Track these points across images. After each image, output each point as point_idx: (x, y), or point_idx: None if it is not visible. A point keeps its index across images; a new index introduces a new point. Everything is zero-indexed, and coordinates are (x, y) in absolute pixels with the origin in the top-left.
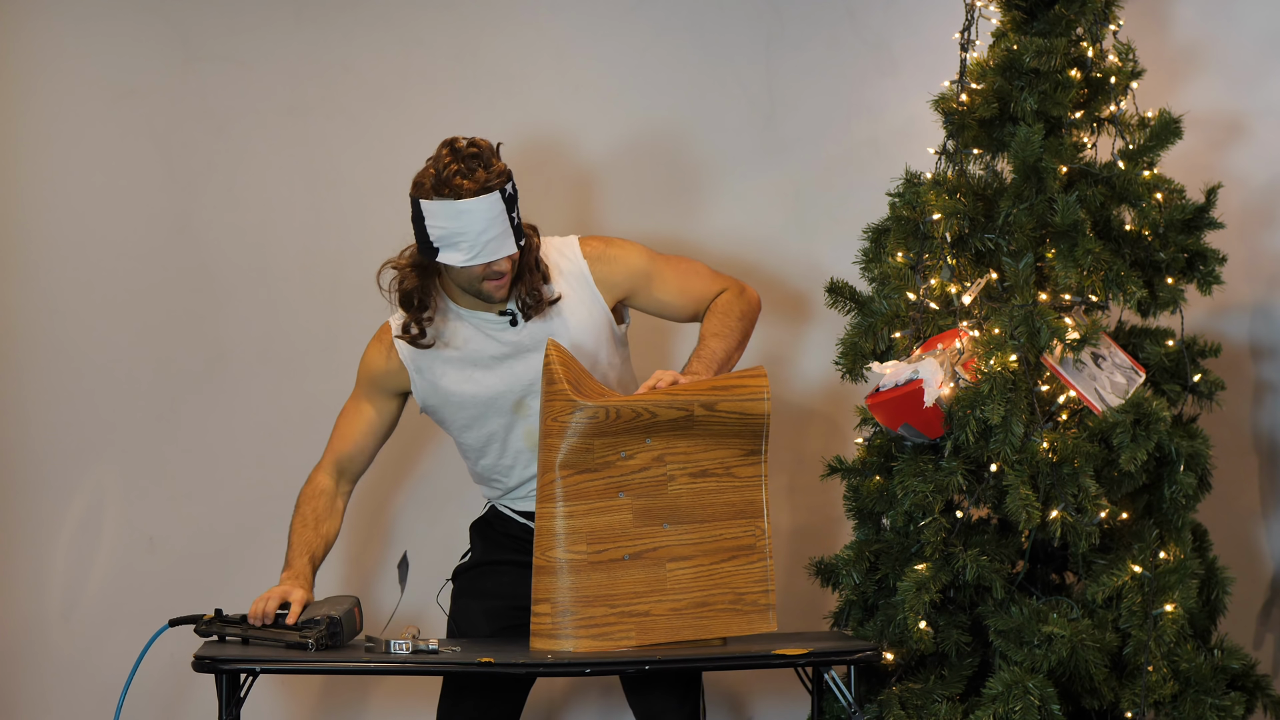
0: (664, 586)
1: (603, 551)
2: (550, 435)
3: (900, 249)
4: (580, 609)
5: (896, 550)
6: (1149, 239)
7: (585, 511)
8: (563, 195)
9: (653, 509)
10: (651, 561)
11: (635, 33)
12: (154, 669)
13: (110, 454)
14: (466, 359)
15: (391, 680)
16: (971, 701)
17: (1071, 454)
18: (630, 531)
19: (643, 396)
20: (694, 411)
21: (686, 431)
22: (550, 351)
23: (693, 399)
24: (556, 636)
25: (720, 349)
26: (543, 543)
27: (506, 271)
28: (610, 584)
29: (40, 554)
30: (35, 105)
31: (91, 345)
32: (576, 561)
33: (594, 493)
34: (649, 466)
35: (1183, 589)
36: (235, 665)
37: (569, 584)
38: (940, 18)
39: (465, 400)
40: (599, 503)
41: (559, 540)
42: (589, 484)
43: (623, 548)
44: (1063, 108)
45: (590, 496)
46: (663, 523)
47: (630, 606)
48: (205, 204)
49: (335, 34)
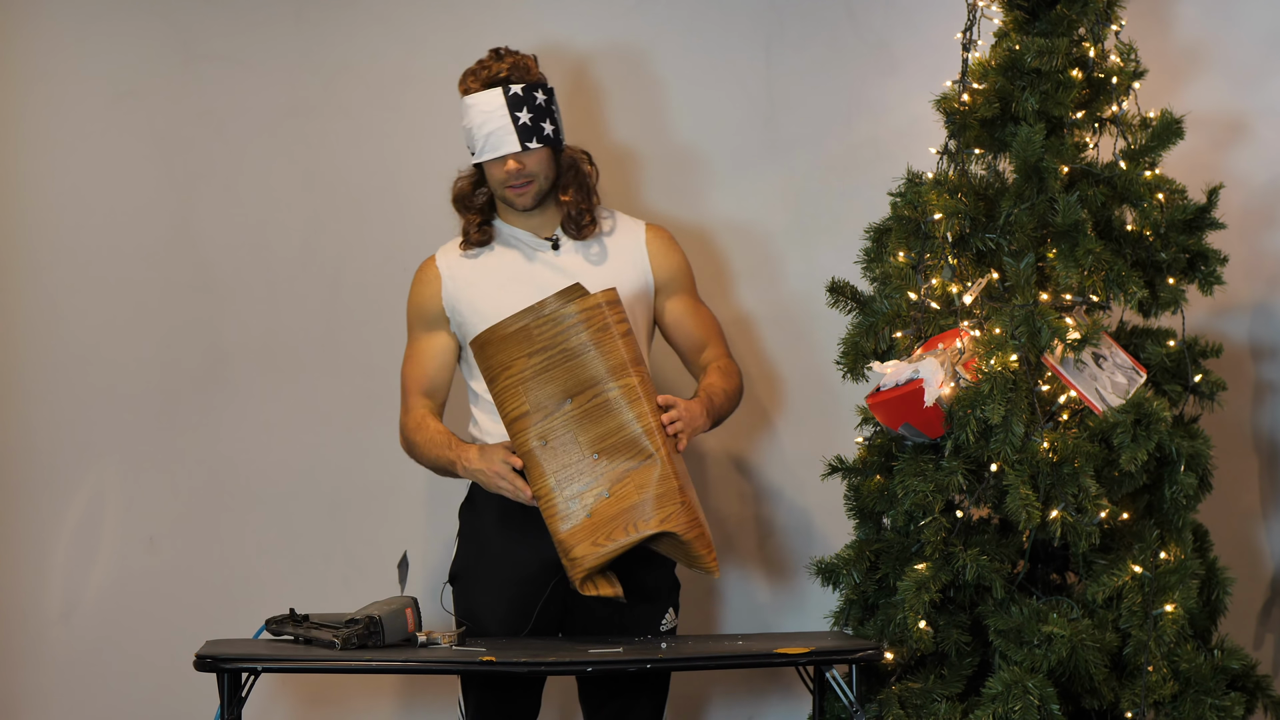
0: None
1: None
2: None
3: (901, 248)
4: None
5: (897, 550)
6: (1150, 239)
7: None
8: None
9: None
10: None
11: (635, 33)
12: (154, 669)
13: (110, 454)
14: (504, 272)
15: (398, 680)
16: (971, 701)
17: (1072, 454)
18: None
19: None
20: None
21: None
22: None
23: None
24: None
25: (724, 405)
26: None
27: (525, 177)
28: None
29: (40, 554)
30: (35, 105)
31: (92, 345)
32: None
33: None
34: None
35: (1183, 589)
36: (237, 664)
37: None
38: (941, 17)
39: (490, 312)
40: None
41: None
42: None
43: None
44: (1064, 108)
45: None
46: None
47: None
48: (205, 204)
49: (335, 34)
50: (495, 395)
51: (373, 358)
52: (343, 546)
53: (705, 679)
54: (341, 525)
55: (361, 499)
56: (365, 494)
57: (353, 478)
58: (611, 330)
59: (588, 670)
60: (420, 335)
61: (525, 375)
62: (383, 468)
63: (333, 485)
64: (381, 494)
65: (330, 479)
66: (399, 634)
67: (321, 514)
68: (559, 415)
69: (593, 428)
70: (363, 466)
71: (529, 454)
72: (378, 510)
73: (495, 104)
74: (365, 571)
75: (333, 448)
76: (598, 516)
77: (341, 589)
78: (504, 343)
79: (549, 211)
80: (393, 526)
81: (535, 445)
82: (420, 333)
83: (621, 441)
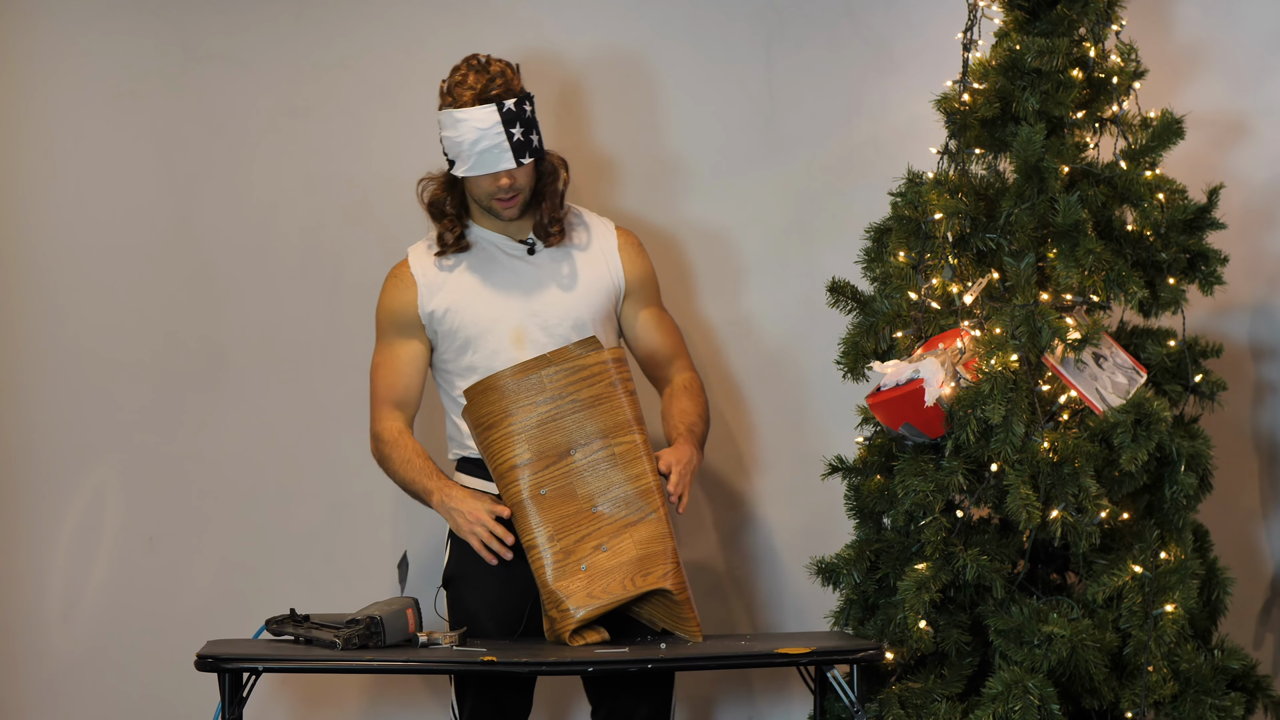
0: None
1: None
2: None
3: (902, 248)
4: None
5: (897, 550)
6: (1150, 239)
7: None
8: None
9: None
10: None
11: (635, 33)
12: (154, 669)
13: (110, 454)
14: (479, 277)
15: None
16: (971, 701)
17: (1072, 454)
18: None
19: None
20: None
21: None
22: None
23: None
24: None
25: (704, 431)
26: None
27: (514, 190)
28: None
29: (40, 554)
30: (35, 105)
31: (91, 345)
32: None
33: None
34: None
35: (1183, 589)
36: (237, 664)
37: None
38: (942, 17)
39: (466, 319)
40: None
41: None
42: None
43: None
44: (1065, 108)
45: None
46: (592, 506)
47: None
48: (205, 204)
49: (335, 34)
50: (491, 443)
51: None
52: (343, 546)
53: (706, 679)
54: (341, 525)
55: (361, 499)
56: (365, 494)
57: (353, 477)
58: (619, 388)
59: (588, 670)
60: (393, 340)
61: (530, 423)
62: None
63: (333, 485)
64: (381, 494)
65: (330, 479)
66: (400, 634)
67: (321, 514)
68: (561, 466)
69: (594, 481)
70: (362, 466)
71: (520, 505)
72: (378, 510)
73: (490, 120)
74: (365, 571)
75: (333, 448)
76: (594, 569)
77: (341, 589)
78: (509, 390)
79: (525, 216)
80: (393, 526)
81: (529, 496)
82: (393, 338)
83: (622, 497)
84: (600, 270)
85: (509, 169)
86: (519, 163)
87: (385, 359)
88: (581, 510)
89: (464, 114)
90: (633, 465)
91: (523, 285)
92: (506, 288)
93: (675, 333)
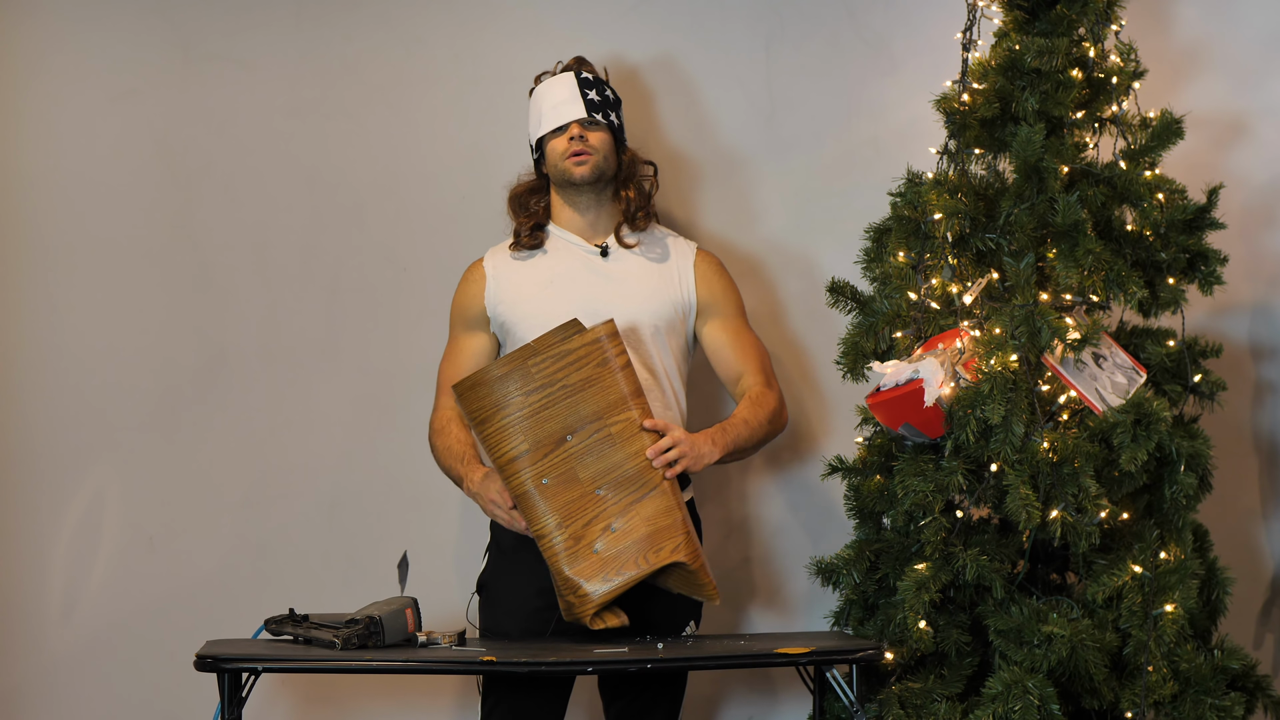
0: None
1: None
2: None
3: (901, 248)
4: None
5: (897, 550)
6: (1150, 239)
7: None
8: None
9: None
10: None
11: (635, 33)
12: (154, 669)
13: (110, 454)
14: (546, 275)
15: (398, 680)
16: (971, 701)
17: (1072, 454)
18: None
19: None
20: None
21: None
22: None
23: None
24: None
25: (744, 434)
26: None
27: (586, 150)
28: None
29: (40, 554)
30: (35, 105)
31: (91, 345)
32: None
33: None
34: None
35: (1183, 589)
36: (237, 664)
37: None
38: (941, 17)
39: (525, 312)
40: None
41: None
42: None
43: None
44: (1064, 108)
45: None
46: (597, 488)
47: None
48: (205, 204)
49: (335, 34)
50: (486, 438)
51: (372, 358)
52: (343, 546)
53: (706, 679)
54: (341, 525)
55: (361, 499)
56: (365, 494)
57: (353, 478)
58: (611, 364)
59: (588, 670)
60: (460, 334)
61: (522, 415)
62: (382, 468)
63: (333, 485)
64: (381, 494)
65: (330, 479)
66: (399, 634)
67: (321, 514)
68: (560, 453)
69: (595, 463)
70: (363, 466)
71: (524, 495)
72: (378, 510)
73: (566, 83)
74: (365, 571)
75: (333, 448)
76: (606, 551)
77: (341, 589)
78: (497, 383)
79: (604, 210)
80: (393, 526)
81: (533, 486)
82: (460, 332)
83: (625, 476)
84: (669, 283)
85: (579, 118)
86: (590, 115)
87: (451, 351)
88: (586, 494)
89: (544, 85)
90: (631, 442)
91: (587, 286)
92: (570, 287)
93: (751, 349)
